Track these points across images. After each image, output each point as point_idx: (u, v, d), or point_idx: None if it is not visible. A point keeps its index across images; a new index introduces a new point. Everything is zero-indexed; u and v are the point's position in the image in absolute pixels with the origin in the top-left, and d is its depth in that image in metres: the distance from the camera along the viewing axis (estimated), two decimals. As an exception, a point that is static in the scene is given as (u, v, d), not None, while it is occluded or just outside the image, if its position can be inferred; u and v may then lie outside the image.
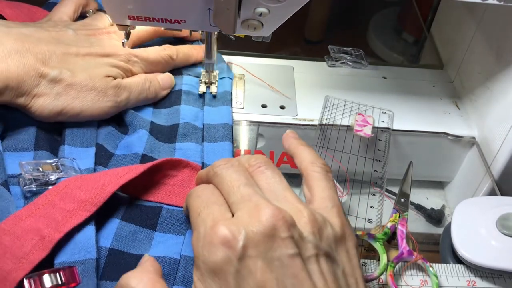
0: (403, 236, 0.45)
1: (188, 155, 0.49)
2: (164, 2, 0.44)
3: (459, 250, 0.44)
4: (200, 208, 0.36)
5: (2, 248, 0.35)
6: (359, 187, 0.53)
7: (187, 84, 0.57)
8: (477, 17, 0.61)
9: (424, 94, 0.64)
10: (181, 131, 0.52)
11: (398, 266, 0.44)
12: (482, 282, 0.44)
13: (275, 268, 0.31)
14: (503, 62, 0.55)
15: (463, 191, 0.61)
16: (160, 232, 0.43)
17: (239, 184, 0.36)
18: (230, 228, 0.32)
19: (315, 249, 0.33)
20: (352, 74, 0.66)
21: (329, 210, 0.36)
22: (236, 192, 0.36)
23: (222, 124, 0.53)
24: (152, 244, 0.42)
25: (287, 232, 0.32)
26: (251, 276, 0.30)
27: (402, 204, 0.49)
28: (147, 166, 0.43)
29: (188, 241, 0.42)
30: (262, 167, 0.38)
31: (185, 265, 0.40)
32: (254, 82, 0.62)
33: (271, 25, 0.45)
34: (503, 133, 0.54)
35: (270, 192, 0.36)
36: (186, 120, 0.53)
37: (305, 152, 0.41)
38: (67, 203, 0.39)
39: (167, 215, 0.43)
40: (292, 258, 0.31)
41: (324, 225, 0.34)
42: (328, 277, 0.32)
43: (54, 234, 0.37)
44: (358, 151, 0.56)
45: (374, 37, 0.88)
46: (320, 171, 0.39)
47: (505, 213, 0.46)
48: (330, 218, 0.36)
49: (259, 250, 0.31)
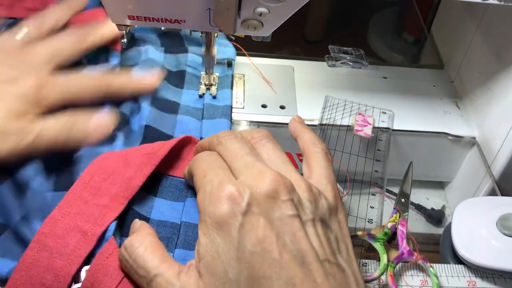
0: (403, 236, 0.45)
1: (189, 129, 0.51)
2: (164, 2, 0.44)
3: (460, 250, 0.44)
4: (206, 170, 0.38)
5: (48, 250, 0.37)
6: (359, 187, 0.53)
7: (191, 66, 0.59)
8: (477, 17, 0.61)
9: (424, 94, 0.64)
10: (183, 107, 0.54)
11: (398, 266, 0.44)
12: (482, 282, 0.43)
13: (276, 226, 0.33)
14: (503, 62, 0.55)
15: (463, 191, 0.61)
16: (160, 198, 0.44)
17: (243, 153, 0.38)
18: (236, 186, 0.34)
19: (312, 214, 0.35)
20: (352, 74, 0.66)
21: (324, 186, 0.38)
22: (240, 160, 0.38)
23: (222, 106, 0.55)
24: (153, 208, 0.43)
25: (288, 195, 0.34)
26: (253, 231, 0.32)
27: (402, 204, 0.49)
28: (163, 154, 0.44)
29: (187, 209, 0.43)
30: (264, 140, 0.41)
31: (186, 230, 0.41)
32: (254, 82, 0.62)
33: (271, 25, 0.45)
34: (504, 133, 0.54)
35: (271, 163, 0.38)
36: (187, 104, 0.55)
37: (308, 134, 0.43)
38: (99, 198, 0.40)
39: (166, 183, 0.45)
40: (291, 218, 0.33)
41: (319, 196, 0.36)
42: (322, 239, 0.34)
43: (96, 228, 0.38)
44: (358, 151, 0.56)
45: (374, 37, 0.88)
46: (320, 152, 0.41)
47: (505, 213, 0.45)
48: (325, 192, 0.38)
49: (261, 208, 0.33)
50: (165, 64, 0.58)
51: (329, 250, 0.34)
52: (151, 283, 0.34)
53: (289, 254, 0.32)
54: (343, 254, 0.35)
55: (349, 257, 0.36)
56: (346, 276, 0.34)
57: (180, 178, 0.46)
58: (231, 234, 0.32)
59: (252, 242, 0.32)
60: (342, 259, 0.35)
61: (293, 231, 0.33)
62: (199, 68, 0.60)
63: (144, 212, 0.43)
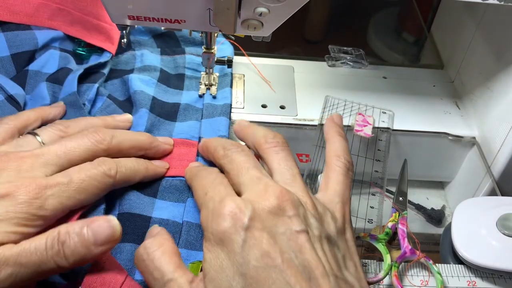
0: (404, 235, 0.45)
1: (186, 131, 0.51)
2: (164, 2, 0.44)
3: (460, 250, 0.44)
4: (207, 187, 0.37)
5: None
6: (359, 187, 0.53)
7: (190, 68, 0.59)
8: (477, 17, 0.61)
9: (425, 94, 0.64)
10: (182, 110, 0.54)
11: (401, 266, 0.44)
12: (482, 282, 0.43)
13: (279, 241, 0.32)
14: (503, 62, 0.55)
15: (463, 191, 0.61)
16: (160, 199, 0.44)
17: (248, 166, 0.38)
18: (237, 203, 0.33)
19: (318, 231, 0.34)
20: (352, 74, 0.66)
21: (334, 204, 0.38)
22: (245, 174, 0.37)
23: (222, 104, 0.55)
24: (154, 209, 0.43)
25: (294, 210, 0.33)
26: (256, 246, 0.32)
27: (400, 203, 0.49)
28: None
29: (189, 209, 0.43)
30: (278, 147, 0.40)
31: (188, 230, 0.42)
32: (254, 82, 0.62)
33: (271, 25, 0.45)
34: (504, 133, 0.54)
35: (279, 175, 0.38)
36: (187, 103, 0.55)
37: (336, 144, 0.43)
38: None
39: (166, 185, 0.45)
40: (297, 233, 0.33)
41: (325, 215, 0.36)
42: (329, 255, 0.33)
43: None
44: (358, 151, 0.56)
45: (374, 37, 0.88)
46: (341, 166, 0.40)
47: (505, 213, 0.45)
48: (334, 211, 0.37)
49: (264, 224, 0.33)
50: (163, 67, 0.58)
51: (336, 267, 0.33)
52: (164, 287, 0.34)
53: (295, 269, 0.31)
54: (351, 271, 0.35)
55: (358, 274, 0.35)
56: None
57: (180, 178, 0.46)
58: (234, 249, 0.32)
59: (256, 257, 0.31)
60: (350, 276, 0.34)
61: (299, 246, 0.32)
62: (198, 69, 0.60)
63: (146, 212, 0.43)
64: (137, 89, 0.53)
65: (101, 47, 0.57)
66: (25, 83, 0.52)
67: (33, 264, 0.33)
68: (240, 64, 0.63)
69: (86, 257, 0.34)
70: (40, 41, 0.54)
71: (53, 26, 0.56)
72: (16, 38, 0.53)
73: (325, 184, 0.40)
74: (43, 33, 0.55)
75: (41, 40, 0.55)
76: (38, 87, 0.51)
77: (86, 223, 0.34)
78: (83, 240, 0.34)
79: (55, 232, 0.34)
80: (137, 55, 0.58)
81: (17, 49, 0.53)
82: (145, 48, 0.60)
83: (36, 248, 0.33)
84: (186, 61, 0.60)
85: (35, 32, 0.55)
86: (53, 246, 0.33)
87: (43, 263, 0.33)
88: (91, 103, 0.51)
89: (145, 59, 0.58)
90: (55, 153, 0.39)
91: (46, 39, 0.55)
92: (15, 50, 0.53)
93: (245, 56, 0.63)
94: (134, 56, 0.58)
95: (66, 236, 0.33)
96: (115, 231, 0.35)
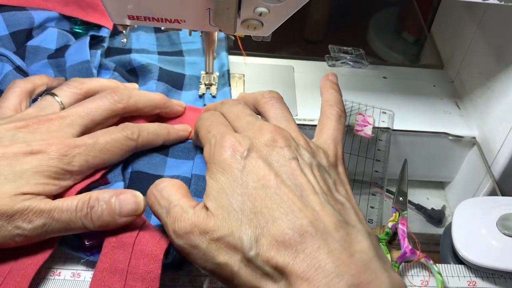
0: (404, 235, 0.45)
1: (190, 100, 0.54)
2: (164, 2, 0.44)
3: (460, 250, 0.44)
4: (210, 127, 0.41)
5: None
6: (359, 187, 0.53)
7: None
8: (477, 17, 0.61)
9: (425, 94, 0.64)
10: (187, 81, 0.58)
11: (402, 266, 0.44)
12: (482, 282, 0.43)
13: (274, 167, 0.36)
14: (503, 62, 0.55)
15: (463, 191, 0.61)
16: (172, 158, 0.48)
17: (245, 114, 0.42)
18: (237, 137, 0.37)
19: (309, 160, 0.37)
20: (352, 74, 0.66)
21: (327, 145, 0.41)
22: (242, 119, 0.41)
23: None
24: (166, 167, 0.47)
25: (286, 142, 0.37)
26: (254, 171, 0.35)
27: (400, 203, 0.49)
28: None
29: (197, 164, 0.47)
30: (274, 100, 0.44)
31: (196, 181, 0.45)
32: (254, 82, 0.62)
33: (271, 25, 0.45)
34: (504, 133, 0.54)
35: (276, 120, 0.41)
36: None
37: (329, 96, 0.45)
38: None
39: (176, 145, 0.49)
40: (289, 160, 0.36)
41: (317, 150, 0.39)
42: (319, 179, 0.36)
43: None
44: (358, 151, 0.56)
45: (374, 37, 0.88)
46: (334, 114, 0.43)
47: (505, 213, 0.45)
48: (327, 150, 0.40)
49: (260, 154, 0.36)
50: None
51: (326, 188, 0.36)
52: (170, 212, 0.37)
53: (288, 188, 0.34)
54: (341, 193, 0.37)
55: (348, 195, 0.38)
56: (345, 208, 0.36)
57: (188, 139, 0.50)
58: (234, 174, 0.35)
59: (253, 179, 0.35)
60: (340, 196, 0.37)
61: (291, 169, 0.36)
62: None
63: (158, 171, 0.46)
64: (143, 62, 0.56)
65: (98, 24, 0.57)
66: (25, 57, 0.54)
67: (63, 221, 0.37)
68: (240, 64, 0.63)
69: (109, 224, 0.38)
70: (36, 20, 0.56)
71: (48, 7, 0.57)
72: (13, 18, 0.55)
73: (320, 130, 0.43)
74: (39, 13, 0.57)
75: (37, 19, 0.56)
76: (40, 65, 0.53)
77: (115, 194, 0.38)
78: (109, 208, 0.38)
79: (87, 197, 0.38)
80: (133, 35, 0.60)
81: (14, 28, 0.55)
82: (139, 29, 0.62)
83: (68, 207, 0.37)
84: (181, 36, 0.62)
85: (31, 12, 0.56)
86: (83, 209, 0.37)
87: (71, 222, 0.37)
88: (97, 69, 0.53)
89: (142, 41, 0.60)
90: (78, 114, 0.43)
91: (42, 18, 0.57)
92: (13, 29, 0.55)
93: (245, 56, 0.63)
94: (130, 36, 0.60)
95: (95, 202, 0.38)
96: (139, 206, 0.38)
